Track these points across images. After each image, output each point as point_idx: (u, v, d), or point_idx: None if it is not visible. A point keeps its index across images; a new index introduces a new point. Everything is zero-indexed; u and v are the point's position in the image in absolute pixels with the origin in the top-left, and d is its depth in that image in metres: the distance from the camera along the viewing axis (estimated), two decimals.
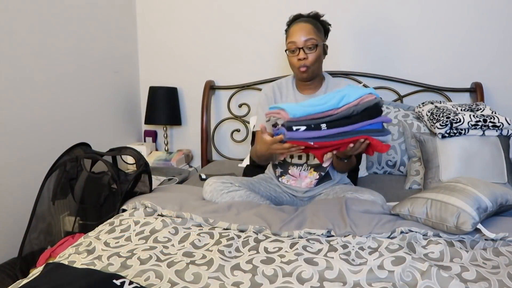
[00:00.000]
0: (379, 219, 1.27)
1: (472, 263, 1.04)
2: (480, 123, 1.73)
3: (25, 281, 0.95)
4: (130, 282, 0.89)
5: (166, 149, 2.63)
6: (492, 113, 1.79)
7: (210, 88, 2.52)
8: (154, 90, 2.53)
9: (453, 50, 2.25)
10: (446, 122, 1.74)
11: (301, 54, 1.52)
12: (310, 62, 1.52)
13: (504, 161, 1.71)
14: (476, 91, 2.18)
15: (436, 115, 1.81)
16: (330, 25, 1.63)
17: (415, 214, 1.26)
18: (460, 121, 1.73)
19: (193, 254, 1.10)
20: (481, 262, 1.04)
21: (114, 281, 0.89)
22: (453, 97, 2.26)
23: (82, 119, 2.17)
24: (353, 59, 2.36)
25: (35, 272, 1.00)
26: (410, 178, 1.90)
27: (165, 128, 2.61)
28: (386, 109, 2.14)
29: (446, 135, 1.76)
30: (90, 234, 1.26)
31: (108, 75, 2.39)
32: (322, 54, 1.57)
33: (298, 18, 1.60)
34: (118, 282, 0.88)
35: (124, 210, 1.49)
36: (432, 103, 1.98)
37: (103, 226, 1.32)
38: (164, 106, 2.51)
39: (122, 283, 0.88)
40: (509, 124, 1.74)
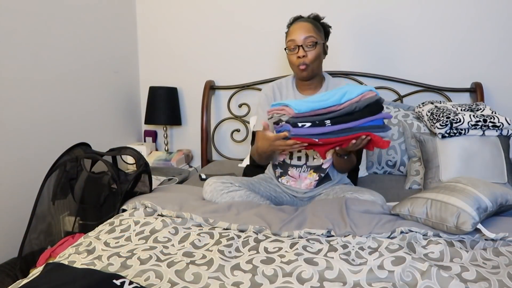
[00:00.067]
0: (379, 219, 1.27)
1: (472, 263, 1.04)
2: (480, 123, 1.73)
3: (25, 281, 0.95)
4: (130, 282, 0.89)
5: (166, 149, 2.63)
6: (492, 113, 1.79)
7: (210, 88, 2.52)
8: (154, 90, 2.53)
9: (453, 50, 2.25)
10: (446, 122, 1.74)
11: (300, 52, 1.51)
12: (309, 60, 1.52)
13: (504, 161, 1.71)
14: (476, 91, 2.18)
15: (436, 115, 1.81)
16: (330, 27, 1.63)
17: (415, 214, 1.26)
18: (460, 121, 1.73)
19: (193, 254, 1.10)
20: (481, 262, 1.04)
21: (114, 281, 0.89)
22: (453, 97, 2.26)
23: (82, 119, 2.17)
24: (353, 59, 2.36)
25: (35, 272, 1.00)
26: (410, 178, 1.90)
27: (165, 128, 2.61)
28: (386, 109, 2.14)
29: (446, 135, 1.76)
30: (90, 234, 1.26)
31: (108, 75, 2.39)
32: (322, 54, 1.57)
33: (298, 19, 1.59)
34: (118, 282, 0.88)
35: (124, 210, 1.49)
36: (432, 103, 1.98)
37: (103, 226, 1.32)
38: (164, 106, 2.51)
39: (122, 283, 0.88)
40: (509, 124, 1.74)
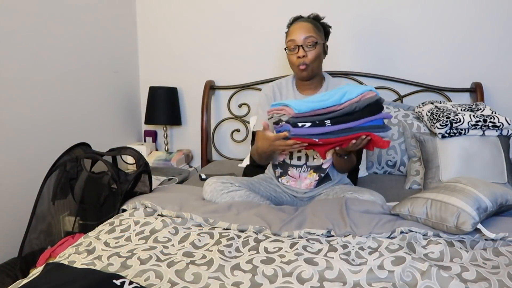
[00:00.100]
0: (379, 219, 1.26)
1: (472, 263, 1.04)
2: (480, 123, 1.73)
3: (25, 281, 0.95)
4: (130, 282, 0.89)
5: (166, 149, 2.62)
6: (492, 113, 1.79)
7: (210, 88, 2.52)
8: (154, 90, 2.53)
9: (453, 50, 2.25)
10: (446, 122, 1.74)
11: (300, 52, 1.51)
12: (309, 60, 1.52)
13: (504, 161, 1.71)
14: (476, 91, 2.18)
15: (436, 115, 1.81)
16: (330, 27, 1.63)
17: (415, 214, 1.26)
18: (460, 121, 1.73)
19: (193, 254, 1.10)
20: (481, 262, 1.04)
21: (114, 281, 0.89)
22: (453, 97, 2.26)
23: (82, 119, 2.17)
24: (353, 59, 2.36)
25: (35, 272, 1.00)
26: (410, 178, 1.90)
27: (165, 128, 2.61)
28: (386, 109, 2.14)
29: (446, 135, 1.76)
30: (90, 234, 1.26)
31: (108, 75, 2.39)
32: (322, 53, 1.56)
33: (298, 19, 1.59)
34: (118, 282, 0.88)
35: (124, 210, 1.49)
36: (432, 103, 1.98)
37: (103, 226, 1.32)
38: (164, 106, 2.51)
39: (122, 283, 0.88)
40: (509, 124, 1.74)
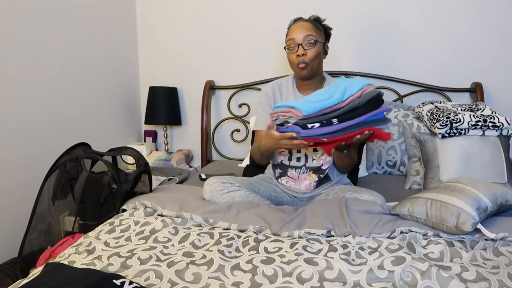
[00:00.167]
0: (379, 219, 1.26)
1: (472, 263, 1.04)
2: (480, 123, 1.73)
3: (25, 281, 0.95)
4: (130, 282, 0.89)
5: (166, 149, 2.63)
6: (492, 113, 1.79)
7: (210, 88, 2.52)
8: (154, 90, 2.53)
9: (453, 50, 2.25)
10: (446, 122, 1.74)
11: (300, 50, 1.51)
12: (309, 59, 1.51)
13: (504, 161, 1.71)
14: (476, 91, 2.18)
15: (436, 115, 1.81)
16: (331, 29, 1.63)
17: (415, 214, 1.26)
18: (460, 121, 1.73)
19: (193, 254, 1.10)
20: (481, 262, 1.04)
21: (114, 281, 0.89)
22: (453, 97, 2.26)
23: (82, 119, 2.17)
24: (353, 59, 2.36)
25: (35, 272, 1.00)
26: (410, 178, 1.90)
27: (165, 128, 2.61)
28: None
29: (446, 135, 1.76)
30: (90, 234, 1.26)
31: (108, 75, 2.39)
32: (322, 53, 1.56)
33: (298, 20, 1.59)
34: (118, 282, 0.88)
35: (124, 210, 1.49)
36: (432, 103, 1.98)
37: (103, 226, 1.31)
38: (164, 106, 2.51)
39: (122, 283, 0.88)
40: (509, 124, 1.74)
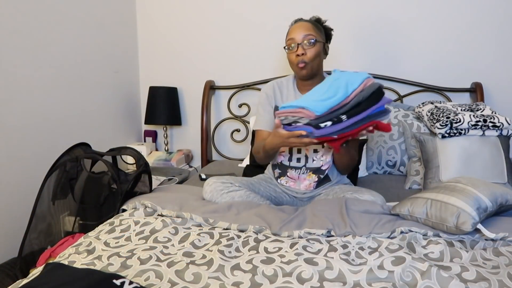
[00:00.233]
0: (379, 219, 1.26)
1: (472, 263, 1.04)
2: (480, 123, 1.73)
3: (25, 281, 0.95)
4: (130, 282, 0.89)
5: (166, 149, 2.63)
6: (492, 113, 1.79)
7: (210, 88, 2.52)
8: (154, 90, 2.53)
9: (453, 50, 2.25)
10: (446, 122, 1.74)
11: (299, 50, 1.50)
12: (308, 58, 1.51)
13: (504, 161, 1.71)
14: (476, 91, 2.18)
15: (436, 115, 1.81)
16: (332, 29, 1.62)
17: (415, 214, 1.26)
18: (460, 121, 1.73)
19: (193, 254, 1.10)
20: (481, 262, 1.04)
21: (114, 281, 0.88)
22: (453, 97, 2.26)
23: (82, 119, 2.17)
24: (353, 59, 2.36)
25: (35, 272, 1.00)
26: (410, 178, 1.90)
27: (165, 128, 2.61)
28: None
29: (446, 135, 1.76)
30: (90, 234, 1.26)
31: (108, 75, 2.39)
32: (322, 53, 1.56)
33: (299, 21, 1.59)
34: (118, 282, 0.88)
35: (124, 210, 1.49)
36: (432, 103, 1.98)
37: (103, 226, 1.31)
38: (164, 106, 2.51)
39: (122, 283, 0.88)
40: (509, 124, 1.74)
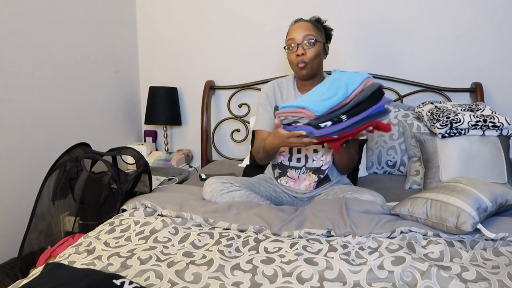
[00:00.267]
0: (379, 219, 1.26)
1: (472, 263, 1.04)
2: (480, 123, 1.73)
3: (25, 281, 0.95)
4: (130, 282, 0.89)
5: (166, 149, 2.63)
6: (492, 113, 1.79)
7: (210, 88, 2.52)
8: (154, 90, 2.53)
9: (453, 50, 2.25)
10: (446, 122, 1.74)
11: (299, 50, 1.50)
12: (308, 58, 1.51)
13: (504, 161, 1.71)
14: (476, 91, 2.18)
15: (436, 115, 1.81)
16: (332, 29, 1.62)
17: (415, 214, 1.26)
18: (460, 121, 1.73)
19: (193, 254, 1.10)
20: (481, 262, 1.04)
21: (114, 281, 0.88)
22: (453, 97, 2.26)
23: (82, 119, 2.17)
24: (353, 59, 2.36)
25: (35, 272, 1.00)
26: (410, 178, 1.90)
27: (165, 128, 2.61)
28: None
29: (446, 135, 1.76)
30: (90, 234, 1.26)
31: (108, 75, 2.39)
32: (322, 53, 1.56)
33: (299, 21, 1.59)
34: (118, 282, 0.88)
35: (124, 210, 1.49)
36: (432, 103, 1.98)
37: (103, 226, 1.31)
38: (164, 106, 2.51)
39: (122, 283, 0.88)
40: (509, 124, 1.74)
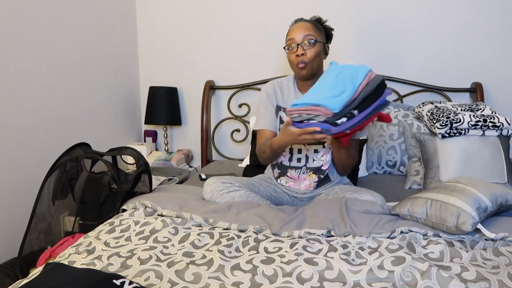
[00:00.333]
0: (379, 219, 1.26)
1: (472, 263, 1.04)
2: (480, 123, 1.73)
3: (25, 281, 0.95)
4: (130, 282, 0.89)
5: (166, 149, 2.63)
6: (492, 113, 1.79)
7: (210, 88, 2.52)
8: (154, 90, 2.53)
9: (453, 50, 2.25)
10: (446, 122, 1.74)
11: (299, 50, 1.50)
12: (308, 58, 1.50)
13: (504, 161, 1.71)
14: (476, 91, 2.18)
15: (436, 115, 1.81)
16: (332, 29, 1.62)
17: (415, 214, 1.26)
18: (460, 121, 1.73)
19: (193, 254, 1.10)
20: (481, 262, 1.04)
21: (114, 281, 0.88)
22: (453, 97, 2.26)
23: (82, 119, 2.17)
24: (353, 59, 2.36)
25: (35, 272, 1.00)
26: (410, 178, 1.90)
27: (165, 128, 2.61)
28: (386, 109, 2.14)
29: (446, 135, 1.76)
30: (90, 234, 1.26)
31: (108, 75, 2.39)
32: (322, 53, 1.56)
33: (299, 21, 1.59)
34: (118, 282, 0.88)
35: (124, 210, 1.49)
36: (432, 103, 1.98)
37: (103, 226, 1.32)
38: (164, 106, 2.51)
39: (122, 283, 0.88)
40: (509, 124, 1.74)
